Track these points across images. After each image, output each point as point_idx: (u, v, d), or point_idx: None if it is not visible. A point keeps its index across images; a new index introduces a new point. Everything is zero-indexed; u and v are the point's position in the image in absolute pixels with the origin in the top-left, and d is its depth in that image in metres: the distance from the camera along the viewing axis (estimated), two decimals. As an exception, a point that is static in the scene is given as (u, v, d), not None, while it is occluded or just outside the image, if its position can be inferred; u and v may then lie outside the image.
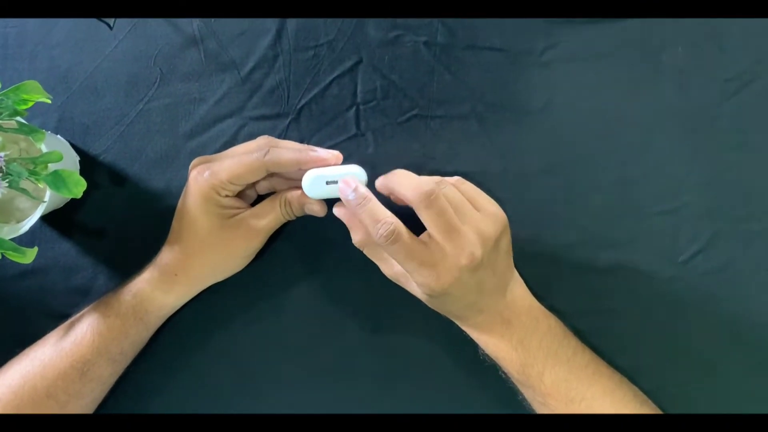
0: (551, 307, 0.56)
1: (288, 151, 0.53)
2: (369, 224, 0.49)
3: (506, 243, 0.52)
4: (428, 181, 0.48)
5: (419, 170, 0.55)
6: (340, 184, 0.50)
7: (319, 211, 0.55)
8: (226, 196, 0.53)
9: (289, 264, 0.60)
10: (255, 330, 0.60)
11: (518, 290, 0.54)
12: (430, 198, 0.47)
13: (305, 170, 0.53)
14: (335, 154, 0.54)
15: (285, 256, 0.60)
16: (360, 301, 0.59)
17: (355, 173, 0.52)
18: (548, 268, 0.58)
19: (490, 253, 0.49)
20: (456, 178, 0.53)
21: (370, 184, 0.54)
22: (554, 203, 0.59)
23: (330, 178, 0.52)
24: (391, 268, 0.54)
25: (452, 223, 0.48)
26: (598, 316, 0.58)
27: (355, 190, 0.50)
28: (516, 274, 0.55)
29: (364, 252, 0.54)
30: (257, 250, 0.56)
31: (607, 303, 0.58)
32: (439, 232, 0.48)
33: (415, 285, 0.51)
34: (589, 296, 0.58)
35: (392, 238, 0.48)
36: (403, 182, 0.50)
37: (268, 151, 0.52)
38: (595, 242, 0.58)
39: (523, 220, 0.58)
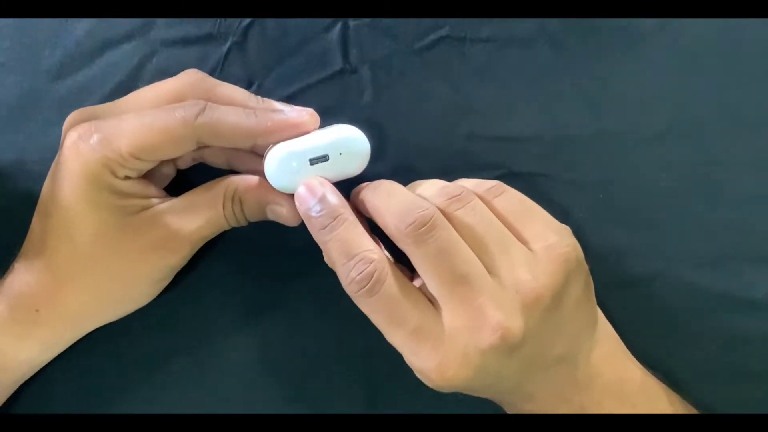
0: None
1: (234, 113, 0.35)
2: (336, 260, 0.34)
3: (579, 289, 0.34)
4: (418, 203, 0.33)
5: (448, 134, 0.40)
6: (300, 189, 0.35)
7: (289, 216, 0.37)
8: (127, 177, 0.35)
9: (229, 297, 0.41)
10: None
11: (604, 349, 0.36)
12: (418, 230, 0.32)
13: (264, 145, 0.36)
14: (310, 113, 0.36)
15: (221, 283, 0.41)
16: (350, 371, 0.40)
17: (350, 139, 0.35)
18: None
19: (544, 317, 0.33)
20: (492, 184, 0.35)
21: (368, 175, 0.37)
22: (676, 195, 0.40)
23: (313, 154, 0.35)
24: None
25: (461, 273, 0.32)
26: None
27: (321, 200, 0.34)
28: (602, 325, 0.37)
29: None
30: (176, 270, 0.38)
31: None
32: (442, 289, 0.33)
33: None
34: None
35: (367, 286, 0.33)
36: (379, 203, 0.34)
37: (204, 109, 0.34)
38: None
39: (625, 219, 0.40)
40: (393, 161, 0.40)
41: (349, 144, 0.35)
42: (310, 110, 0.35)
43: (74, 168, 0.34)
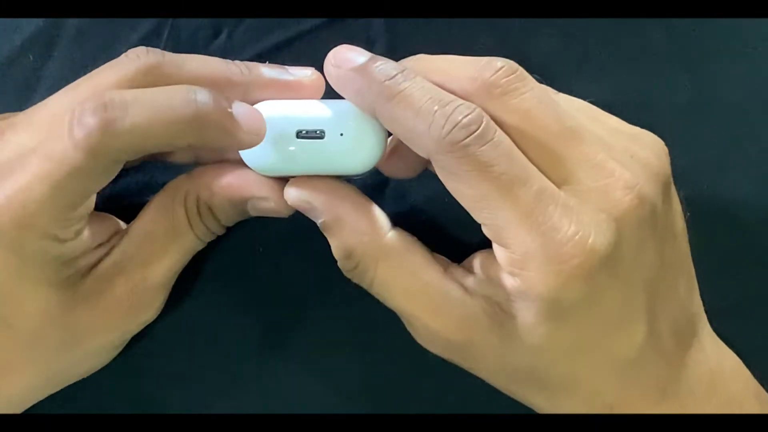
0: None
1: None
2: (424, 108, 0.23)
3: (678, 204, 0.26)
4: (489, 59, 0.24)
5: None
6: (331, 55, 0.25)
7: (278, 206, 0.27)
8: (76, 233, 0.26)
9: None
10: None
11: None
12: (508, 77, 0.23)
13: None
14: (312, 73, 0.27)
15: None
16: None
17: (359, 118, 0.25)
18: None
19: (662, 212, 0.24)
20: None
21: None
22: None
23: (303, 123, 0.25)
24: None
25: (570, 126, 0.24)
26: None
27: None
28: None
29: (362, 280, 0.26)
30: (151, 319, 0.29)
31: None
32: (556, 141, 0.23)
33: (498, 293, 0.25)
34: None
35: (479, 130, 0.22)
36: (440, 62, 0.25)
37: (107, 106, 0.23)
38: None
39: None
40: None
41: (356, 124, 0.25)
42: (312, 70, 0.27)
43: (2, 246, 0.25)
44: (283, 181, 0.27)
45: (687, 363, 0.25)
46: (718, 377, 0.26)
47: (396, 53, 0.27)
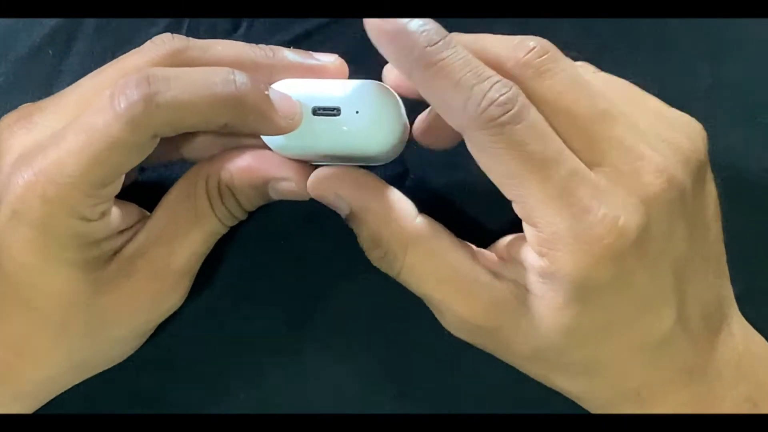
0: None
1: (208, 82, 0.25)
2: (463, 81, 0.22)
3: (712, 187, 0.26)
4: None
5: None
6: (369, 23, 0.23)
7: (298, 188, 0.27)
8: (102, 214, 0.26)
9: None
10: None
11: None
12: (541, 57, 0.23)
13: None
14: (335, 59, 0.27)
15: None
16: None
17: (379, 96, 0.26)
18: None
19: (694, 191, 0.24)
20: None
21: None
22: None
23: (319, 100, 0.25)
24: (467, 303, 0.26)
25: (601, 109, 0.24)
26: None
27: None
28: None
29: (390, 268, 0.26)
30: (177, 307, 0.29)
31: None
32: (585, 121, 0.23)
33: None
34: None
35: (515, 109, 0.22)
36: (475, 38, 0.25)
37: (151, 80, 0.24)
38: None
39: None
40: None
41: (373, 102, 0.25)
42: (335, 56, 0.27)
43: (30, 224, 0.25)
44: (304, 163, 0.27)
45: (715, 347, 0.25)
46: (746, 362, 0.26)
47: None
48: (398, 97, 0.26)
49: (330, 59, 0.27)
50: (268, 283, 0.30)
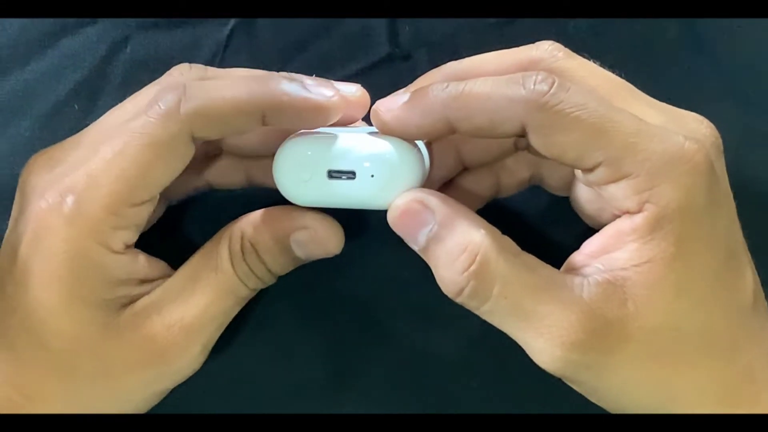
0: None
1: (229, 80, 0.26)
2: (499, 87, 0.23)
3: (723, 172, 0.25)
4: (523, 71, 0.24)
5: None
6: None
7: (329, 242, 0.27)
8: (126, 247, 0.26)
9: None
10: None
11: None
12: (541, 84, 0.23)
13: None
14: (353, 92, 0.26)
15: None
16: None
17: (396, 156, 0.25)
18: None
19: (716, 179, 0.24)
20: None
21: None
22: None
23: (334, 163, 0.25)
24: None
25: (612, 114, 0.24)
26: None
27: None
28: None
29: (482, 282, 0.24)
30: (188, 376, 0.28)
31: None
32: (606, 109, 0.23)
33: None
34: None
35: (558, 82, 0.23)
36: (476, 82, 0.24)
37: (184, 91, 0.24)
38: None
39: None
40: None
41: (391, 166, 0.25)
42: (357, 86, 0.26)
43: (51, 249, 0.25)
44: (324, 213, 0.27)
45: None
46: None
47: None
48: (419, 149, 0.25)
49: (351, 89, 0.27)
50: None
